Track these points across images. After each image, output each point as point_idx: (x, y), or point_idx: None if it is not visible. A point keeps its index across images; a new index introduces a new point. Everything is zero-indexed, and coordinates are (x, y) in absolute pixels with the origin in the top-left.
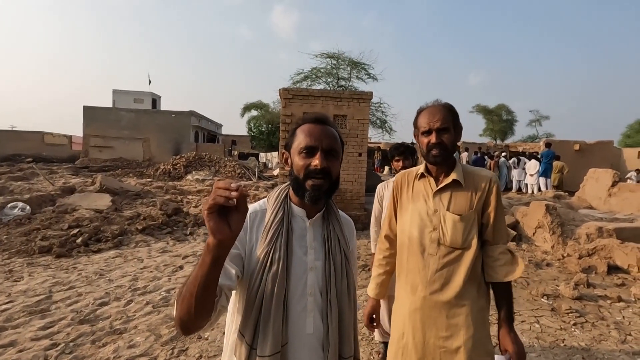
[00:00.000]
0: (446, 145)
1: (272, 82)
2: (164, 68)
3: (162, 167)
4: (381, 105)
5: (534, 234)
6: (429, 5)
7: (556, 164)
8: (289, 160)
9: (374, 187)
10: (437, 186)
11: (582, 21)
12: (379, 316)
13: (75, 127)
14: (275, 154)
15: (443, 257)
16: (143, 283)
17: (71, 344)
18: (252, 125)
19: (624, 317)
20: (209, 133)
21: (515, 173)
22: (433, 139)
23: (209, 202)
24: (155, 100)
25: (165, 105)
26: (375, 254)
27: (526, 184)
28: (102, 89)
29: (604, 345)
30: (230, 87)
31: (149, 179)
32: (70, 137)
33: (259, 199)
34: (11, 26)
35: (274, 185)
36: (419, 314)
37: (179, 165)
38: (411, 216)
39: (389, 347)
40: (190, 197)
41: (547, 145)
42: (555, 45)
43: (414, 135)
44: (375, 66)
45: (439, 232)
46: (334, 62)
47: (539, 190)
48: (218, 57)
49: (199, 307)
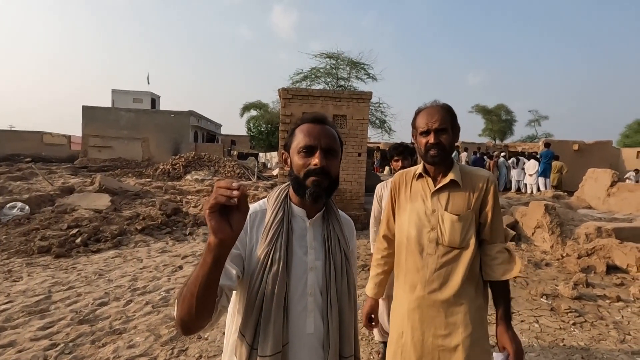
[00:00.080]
0: (444, 145)
1: (272, 82)
2: (163, 68)
3: (161, 167)
4: (380, 105)
5: (533, 233)
6: (428, 5)
7: (555, 164)
8: (288, 161)
9: (373, 187)
10: (435, 186)
11: (582, 21)
12: (377, 316)
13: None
14: (275, 154)
15: (441, 256)
16: (142, 283)
17: (71, 344)
18: (252, 125)
19: (622, 316)
20: (208, 133)
21: (514, 173)
22: (431, 139)
23: (210, 201)
24: (154, 100)
25: (164, 105)
26: (373, 254)
27: (525, 184)
28: (101, 89)
29: (603, 344)
30: (230, 87)
31: (148, 179)
32: (69, 137)
33: (259, 199)
34: (10, 26)
35: (273, 185)
36: (417, 313)
37: (178, 165)
38: (409, 216)
39: (387, 346)
40: (189, 197)
41: (546, 145)
42: (555, 45)
43: (412, 135)
44: (374, 66)
45: (437, 232)
46: (333, 62)
47: (538, 190)
48: (217, 57)
49: (200, 307)
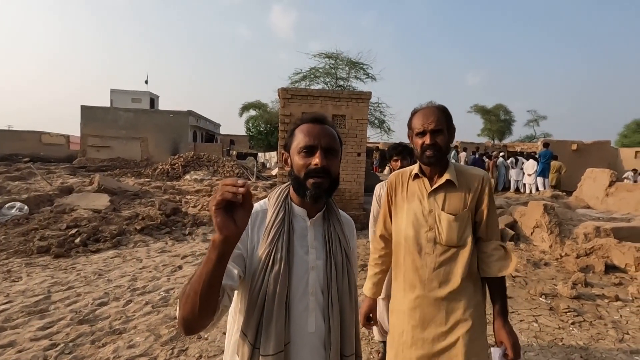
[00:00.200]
0: (440, 146)
1: (271, 81)
2: (162, 68)
3: (160, 167)
4: (379, 105)
5: (532, 233)
6: (428, 5)
7: (554, 163)
8: (288, 161)
9: (372, 187)
10: (431, 187)
11: (581, 22)
12: (375, 315)
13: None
14: (274, 153)
15: (439, 255)
16: (142, 283)
17: (71, 344)
18: (251, 125)
19: (621, 316)
20: (207, 133)
21: (513, 173)
22: (427, 140)
23: (216, 198)
24: (153, 100)
25: (163, 104)
26: (371, 254)
27: (524, 184)
28: (100, 89)
29: (601, 344)
30: (229, 87)
31: (147, 179)
32: (67, 137)
33: (258, 198)
34: (9, 25)
35: (272, 185)
36: (418, 311)
37: (177, 165)
38: (406, 216)
39: (388, 345)
40: (188, 197)
41: (545, 145)
42: (554, 45)
43: (409, 136)
44: (373, 66)
45: (435, 231)
46: (333, 62)
47: (537, 190)
48: (216, 56)
49: (203, 306)
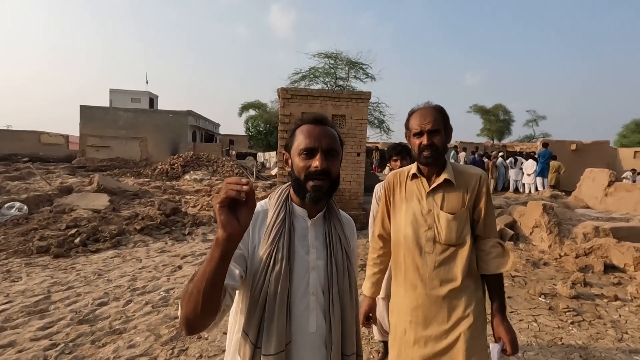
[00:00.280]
0: (437, 146)
1: (270, 81)
2: (161, 67)
3: (159, 166)
4: (379, 105)
5: (531, 233)
6: (427, 5)
7: (553, 163)
8: (289, 161)
9: (372, 186)
10: (429, 186)
11: (580, 22)
12: (375, 314)
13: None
14: (273, 153)
15: (439, 254)
16: (142, 283)
17: (71, 344)
18: (250, 124)
19: (620, 315)
20: (206, 133)
21: (512, 173)
22: (424, 140)
23: (221, 195)
24: (152, 100)
25: (162, 104)
26: (369, 253)
27: (523, 184)
28: (99, 88)
29: (601, 343)
30: (228, 87)
31: (146, 179)
32: (67, 137)
33: (258, 198)
34: (8, 25)
35: (272, 185)
36: (420, 310)
37: (176, 165)
38: (405, 216)
39: (390, 344)
40: (188, 197)
41: (544, 145)
42: (553, 45)
43: (406, 136)
44: (373, 66)
45: (434, 230)
46: (332, 62)
47: (536, 189)
48: (216, 56)
49: (206, 305)
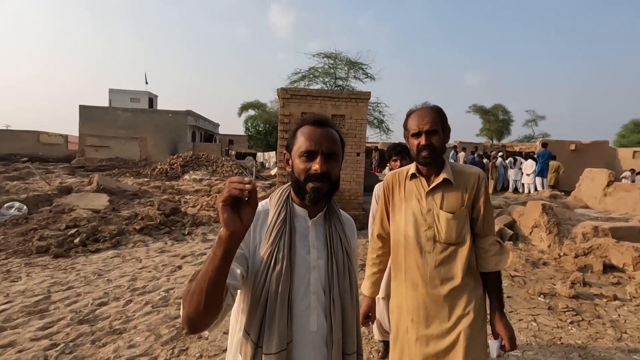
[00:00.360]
0: (435, 147)
1: (270, 81)
2: (161, 67)
3: (159, 166)
4: (378, 105)
5: (530, 233)
6: (426, 5)
7: (552, 163)
8: (290, 162)
9: (371, 186)
10: (428, 186)
11: (579, 22)
12: (374, 314)
13: (71, 127)
14: (273, 153)
15: (440, 253)
16: (142, 283)
17: (71, 344)
18: (250, 124)
19: (619, 315)
20: (206, 132)
21: (511, 173)
22: (423, 141)
23: (224, 194)
24: (152, 100)
25: (162, 104)
26: (368, 253)
27: (522, 184)
28: (98, 88)
29: (600, 343)
30: (228, 87)
31: (146, 179)
32: (66, 137)
33: (258, 198)
34: (7, 24)
35: (271, 185)
36: (422, 309)
37: (176, 165)
38: (405, 215)
39: (392, 342)
40: (187, 197)
41: (544, 145)
42: (552, 46)
43: (404, 137)
44: (372, 66)
45: (434, 230)
46: (331, 62)
47: (536, 189)
48: (215, 56)
49: (208, 303)
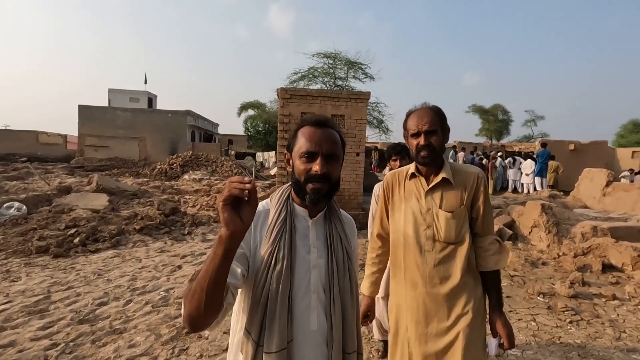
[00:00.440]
0: (434, 147)
1: (269, 81)
2: (160, 67)
3: (158, 166)
4: (378, 105)
5: (529, 233)
6: (426, 5)
7: (551, 163)
8: (290, 162)
9: (371, 186)
10: (428, 185)
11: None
12: (373, 313)
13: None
14: (272, 153)
15: (439, 252)
16: (142, 283)
17: (71, 343)
18: (249, 124)
19: (618, 314)
20: (205, 132)
21: (510, 173)
22: (422, 141)
23: (224, 194)
24: (151, 100)
25: (161, 104)
26: (368, 253)
27: (522, 184)
28: (97, 88)
29: (599, 342)
30: (227, 87)
31: (145, 179)
32: (65, 137)
33: (257, 198)
34: (5, 23)
35: (271, 185)
36: (421, 308)
37: (175, 164)
38: (405, 215)
39: (391, 341)
40: (187, 196)
41: (543, 145)
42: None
43: (404, 137)
44: (372, 66)
45: (433, 229)
46: (331, 62)
47: (535, 189)
48: (215, 56)
49: (209, 302)
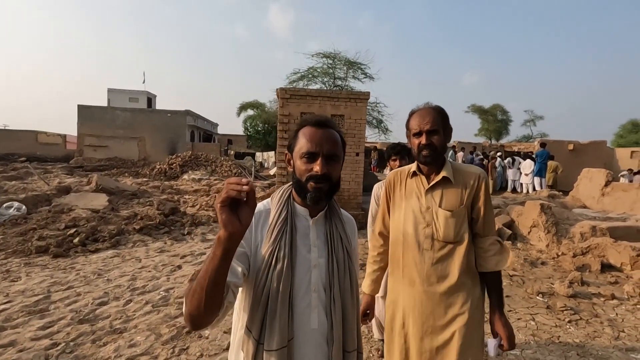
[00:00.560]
0: (436, 146)
1: (269, 81)
2: (160, 67)
3: (158, 166)
4: (377, 105)
5: (529, 233)
6: (425, 5)
7: (550, 163)
8: (291, 162)
9: (370, 186)
10: (428, 184)
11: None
12: (373, 312)
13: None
14: (272, 153)
15: (437, 251)
16: (142, 283)
17: (71, 343)
18: (249, 124)
19: (617, 314)
20: (205, 132)
21: (510, 173)
22: (423, 140)
23: (222, 195)
24: (150, 100)
25: (160, 104)
26: (370, 251)
27: (521, 184)
28: (97, 88)
29: (598, 341)
30: (227, 87)
31: (145, 179)
32: (64, 137)
33: (257, 198)
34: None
35: (270, 185)
36: (418, 306)
37: (174, 164)
38: (405, 213)
39: (387, 336)
40: (187, 196)
41: (542, 145)
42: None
43: (407, 136)
44: (371, 66)
45: (432, 227)
46: (330, 62)
47: (534, 189)
48: (214, 56)
49: (209, 302)
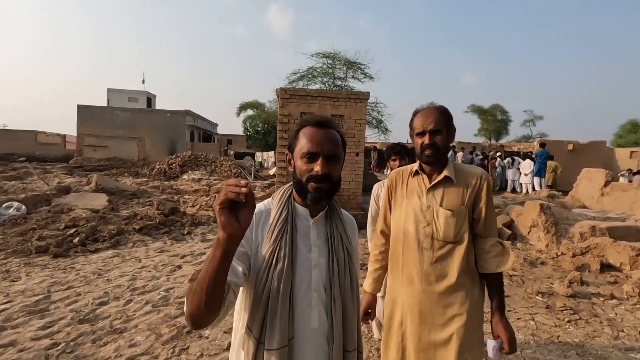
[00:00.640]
0: (438, 146)
1: (268, 81)
2: (159, 67)
3: (157, 166)
4: (377, 105)
5: (528, 232)
6: (425, 5)
7: (550, 163)
8: (292, 162)
9: (370, 186)
10: (430, 183)
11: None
12: (374, 311)
13: (69, 126)
14: (272, 153)
15: (437, 250)
16: (142, 283)
17: (72, 343)
18: (248, 124)
19: (616, 314)
20: (204, 132)
21: (509, 173)
22: (426, 140)
23: (220, 197)
24: (150, 100)
25: (160, 104)
26: (371, 250)
27: (520, 184)
28: (96, 88)
29: (597, 341)
30: (226, 87)
31: (144, 179)
32: (64, 136)
33: (257, 199)
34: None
35: (270, 185)
36: (416, 305)
37: (174, 164)
38: (405, 212)
39: (385, 334)
40: (186, 196)
41: (542, 145)
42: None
43: (410, 135)
44: (371, 66)
45: (432, 227)
46: (330, 62)
47: (534, 189)
48: (214, 56)
49: (209, 302)
